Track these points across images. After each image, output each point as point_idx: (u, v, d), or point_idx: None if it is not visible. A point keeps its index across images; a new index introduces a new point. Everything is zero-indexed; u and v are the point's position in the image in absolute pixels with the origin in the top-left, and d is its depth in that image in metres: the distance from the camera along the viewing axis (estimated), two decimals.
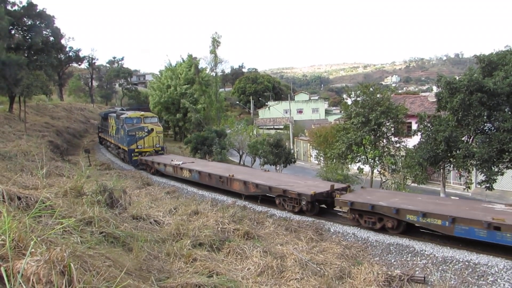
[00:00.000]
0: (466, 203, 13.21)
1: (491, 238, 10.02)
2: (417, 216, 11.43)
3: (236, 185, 17.19)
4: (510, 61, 19.14)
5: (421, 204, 12.40)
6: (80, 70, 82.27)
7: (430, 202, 12.91)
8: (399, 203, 12.53)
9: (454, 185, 29.01)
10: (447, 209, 11.53)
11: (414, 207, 11.92)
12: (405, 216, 11.72)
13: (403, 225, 12.06)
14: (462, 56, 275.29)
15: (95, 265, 4.09)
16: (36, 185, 9.04)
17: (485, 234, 10.03)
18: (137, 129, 27.81)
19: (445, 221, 10.80)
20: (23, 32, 41.61)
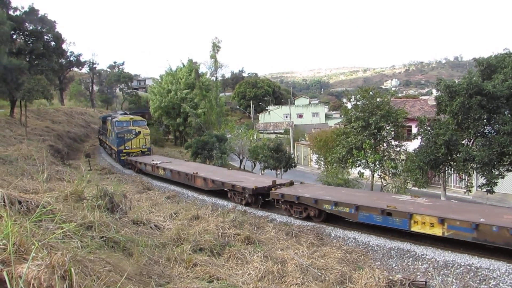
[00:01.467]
0: (378, 195, 15.38)
1: (385, 223, 11.94)
2: (331, 205, 13.37)
3: (198, 181, 19.39)
4: (509, 64, 19.18)
5: (339, 195, 14.28)
6: (81, 74, 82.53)
7: (347, 194, 14.95)
8: (321, 195, 14.38)
9: (455, 189, 28.97)
10: (355, 199, 13.38)
11: (329, 197, 13.83)
12: (322, 206, 13.69)
13: (323, 214, 13.90)
14: (461, 59, 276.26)
15: (96, 270, 4.09)
16: (36, 190, 9.04)
17: (380, 219, 12.01)
18: (125, 132, 30.48)
19: (351, 209, 12.75)
20: (24, 37, 41.86)
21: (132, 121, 31.67)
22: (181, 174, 20.96)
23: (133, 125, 31.19)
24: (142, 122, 32.63)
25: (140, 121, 32.53)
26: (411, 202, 13.10)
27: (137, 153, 30.29)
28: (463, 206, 13.23)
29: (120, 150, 30.37)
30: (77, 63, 66.42)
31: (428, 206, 12.31)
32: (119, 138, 30.44)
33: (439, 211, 11.47)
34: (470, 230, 10.24)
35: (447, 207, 12.40)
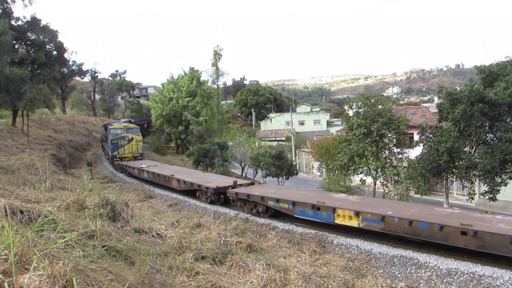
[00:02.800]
0: (317, 193, 16.93)
1: (315, 217, 13.70)
2: (274, 202, 15.07)
3: (173, 182, 21.60)
4: (510, 72, 19.21)
5: (284, 193, 16.03)
6: (83, 83, 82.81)
7: (292, 192, 16.84)
8: (269, 193, 15.99)
9: (458, 196, 28.86)
10: (294, 196, 15.16)
11: (273, 195, 15.49)
12: (267, 202, 15.39)
13: (270, 211, 15.68)
14: (462, 66, 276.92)
15: (98, 279, 4.08)
16: (38, 199, 9.04)
17: (312, 213, 13.71)
18: (119, 138, 33.36)
19: (289, 205, 14.47)
20: (26, 47, 42.08)
21: (126, 129, 34.40)
22: (160, 176, 23.32)
23: (127, 132, 33.91)
24: (135, 129, 35.30)
25: (133, 128, 35.33)
26: (341, 199, 14.83)
27: (130, 158, 32.78)
28: (383, 202, 14.98)
29: (114, 155, 32.96)
30: (79, 72, 66.66)
31: (353, 202, 13.92)
32: (113, 144, 33.19)
33: (358, 206, 13.10)
34: (378, 222, 11.94)
35: (368, 203, 14.07)
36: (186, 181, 20.35)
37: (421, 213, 12.12)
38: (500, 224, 10.75)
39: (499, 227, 10.30)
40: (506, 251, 9.61)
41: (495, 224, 10.75)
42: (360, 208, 12.71)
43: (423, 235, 11.09)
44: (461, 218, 11.14)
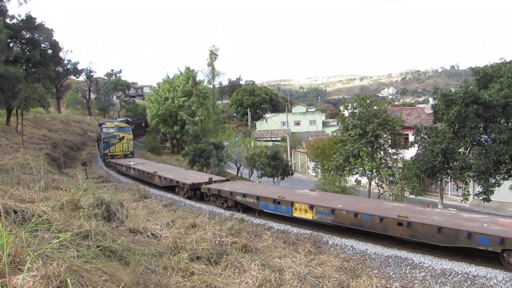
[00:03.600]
0: (283, 190, 17.99)
1: (276, 210, 15.00)
2: (241, 197, 16.38)
3: (155, 179, 22.88)
4: (505, 73, 19.33)
5: (252, 189, 17.23)
6: (78, 82, 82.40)
7: (257, 188, 18.57)
8: (239, 189, 17.27)
9: (452, 197, 29.00)
10: (259, 192, 16.41)
11: (241, 190, 16.76)
12: (236, 197, 16.69)
13: (239, 205, 16.78)
14: (457, 68, 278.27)
15: (92, 280, 4.05)
16: (32, 199, 8.97)
17: (273, 207, 14.99)
18: (111, 137, 34.99)
19: (254, 199, 15.74)
20: (21, 45, 41.84)
21: (117, 128, 36.04)
22: (144, 173, 24.51)
23: (118, 131, 35.49)
24: (126, 128, 36.94)
25: (125, 127, 36.93)
26: (302, 194, 16.12)
27: (120, 156, 34.19)
28: (339, 197, 16.01)
29: (105, 153, 34.68)
30: (74, 71, 66.39)
31: (311, 197, 15.08)
32: (105, 143, 34.98)
33: (314, 200, 14.26)
34: (329, 214, 13.06)
35: (325, 198, 15.31)
36: (167, 177, 21.70)
37: (368, 206, 13.23)
38: (434, 216, 11.79)
39: (431, 219, 11.33)
40: (434, 240, 10.70)
41: (429, 216, 11.79)
42: (314, 202, 13.89)
43: (366, 226, 12.22)
44: (402, 211, 12.12)
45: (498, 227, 10.39)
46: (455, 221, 11.11)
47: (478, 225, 10.65)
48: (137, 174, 25.78)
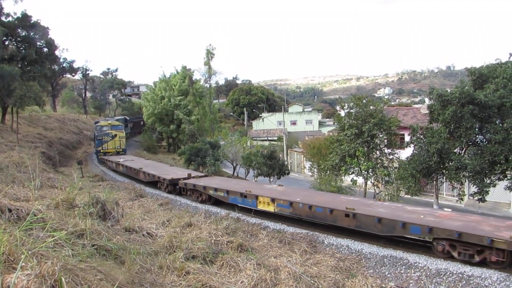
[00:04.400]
0: (253, 185, 19.95)
1: (243, 203, 16.11)
2: (213, 191, 17.50)
3: (141, 175, 24.04)
4: (500, 74, 19.44)
5: (224, 184, 18.27)
6: (74, 81, 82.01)
7: (230, 183, 19.62)
8: (212, 184, 18.28)
9: (447, 197, 29.11)
10: (230, 186, 17.45)
11: (214, 185, 17.86)
12: (209, 191, 17.79)
13: (212, 199, 17.84)
14: (453, 68, 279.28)
15: (87, 279, 4.03)
16: (27, 197, 8.93)
17: (241, 200, 16.09)
18: (104, 135, 36.11)
19: (224, 193, 16.79)
20: (17, 43, 41.59)
21: (110, 126, 37.11)
22: (131, 169, 25.86)
23: (111, 129, 36.55)
24: (119, 126, 38.09)
25: (118, 125, 38.02)
26: (268, 189, 17.13)
27: (113, 153, 35.18)
28: (301, 191, 17.23)
29: (98, 150, 36.00)
30: (70, 70, 66.08)
31: (276, 192, 16.14)
32: (98, 140, 36.21)
33: (277, 194, 15.34)
34: (288, 207, 14.13)
35: (287, 192, 16.22)
36: (150, 173, 22.96)
37: (324, 200, 14.29)
38: (380, 208, 12.82)
39: (375, 211, 12.37)
40: (375, 230, 11.77)
41: (375, 208, 12.81)
42: (276, 196, 15.00)
43: (319, 218, 13.40)
44: (353, 204, 13.06)
45: (432, 218, 11.44)
46: (396, 213, 12.18)
47: (415, 216, 11.67)
48: (125, 170, 27.23)
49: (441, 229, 10.43)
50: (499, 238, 9.50)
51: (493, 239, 9.51)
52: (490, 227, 10.41)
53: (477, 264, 9.98)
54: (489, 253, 9.76)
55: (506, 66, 20.06)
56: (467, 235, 9.98)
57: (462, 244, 10.17)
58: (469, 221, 11.28)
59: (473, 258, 10.02)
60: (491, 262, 9.71)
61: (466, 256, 10.12)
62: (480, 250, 9.92)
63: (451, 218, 11.50)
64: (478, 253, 9.97)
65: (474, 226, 10.61)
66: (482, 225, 10.73)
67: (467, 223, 10.90)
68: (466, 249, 10.15)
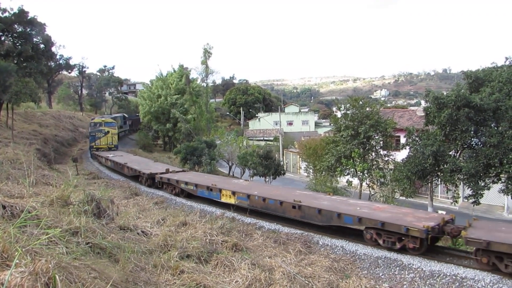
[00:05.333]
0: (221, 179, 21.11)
1: (210, 196, 17.50)
2: (184, 184, 19.00)
3: (125, 170, 25.68)
4: (496, 78, 19.52)
5: (195, 179, 19.61)
6: (70, 78, 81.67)
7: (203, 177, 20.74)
8: (184, 178, 19.87)
9: (442, 199, 29.24)
10: (200, 180, 18.90)
11: (186, 179, 19.37)
12: (180, 185, 19.27)
13: (185, 192, 19.28)
14: (449, 71, 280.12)
15: (81, 277, 4.02)
16: (22, 194, 8.89)
17: (207, 193, 17.49)
18: (97, 131, 38.03)
19: (193, 187, 18.27)
20: (13, 39, 41.39)
21: (104, 123, 39.17)
22: (117, 164, 27.49)
23: (104, 126, 38.48)
24: (112, 123, 40.03)
25: (111, 123, 40.02)
26: (232, 183, 18.77)
27: (105, 148, 37.00)
28: (261, 186, 19.20)
29: (91, 146, 38.01)
30: (66, 66, 65.83)
31: (238, 185, 17.68)
32: (92, 136, 38.24)
33: (239, 188, 16.79)
34: (246, 199, 15.53)
35: (248, 186, 17.95)
36: (132, 168, 24.56)
37: (279, 193, 15.55)
38: (324, 201, 14.14)
39: (319, 203, 13.69)
40: (316, 220, 13.14)
41: (320, 201, 14.14)
42: (237, 189, 16.45)
43: (271, 209, 14.67)
44: (301, 197, 14.34)
45: (366, 210, 12.75)
46: (336, 205, 13.45)
47: (352, 208, 12.95)
48: (112, 165, 29.03)
49: (369, 219, 11.77)
50: (413, 227, 10.73)
51: (409, 228, 10.77)
52: (412, 218, 11.63)
53: (399, 250, 11.23)
54: (407, 241, 10.97)
55: (501, 70, 20.13)
56: (389, 225, 11.27)
57: (385, 233, 11.46)
58: (398, 213, 12.59)
59: (395, 245, 11.30)
60: (410, 248, 10.93)
61: (389, 244, 11.43)
62: (400, 238, 11.17)
63: (382, 211, 12.85)
64: (399, 241, 11.22)
65: (399, 217, 11.84)
66: (407, 216, 11.92)
67: (394, 215, 12.16)
68: (389, 237, 11.42)
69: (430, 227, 10.54)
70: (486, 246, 9.54)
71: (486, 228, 10.87)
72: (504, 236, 9.90)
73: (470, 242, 9.94)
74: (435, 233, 10.76)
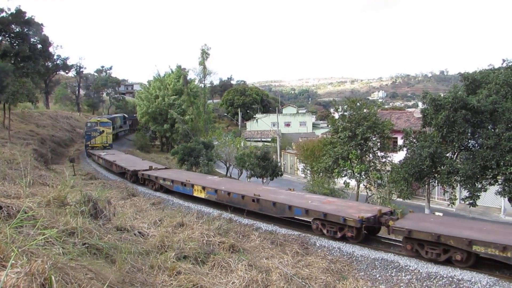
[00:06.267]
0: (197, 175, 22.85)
1: (184, 191, 18.92)
2: (162, 180, 20.53)
3: (113, 167, 27.30)
4: (493, 80, 19.56)
5: (173, 175, 21.21)
6: (67, 78, 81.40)
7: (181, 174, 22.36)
8: (163, 175, 21.27)
9: (439, 201, 29.29)
10: (175, 177, 20.50)
11: (164, 176, 20.86)
12: (159, 181, 20.80)
13: (164, 188, 20.66)
14: (447, 73, 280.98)
15: (77, 278, 4.01)
16: (18, 194, 8.84)
17: (182, 188, 18.97)
18: (92, 130, 40.09)
19: (170, 182, 19.87)
20: (10, 39, 41.26)
21: (99, 123, 41.14)
22: (107, 162, 29.13)
23: (100, 126, 40.45)
24: (107, 123, 41.87)
25: (106, 122, 41.91)
26: (206, 179, 20.36)
27: (100, 147, 38.74)
28: (229, 182, 20.56)
29: (87, 144, 39.88)
30: (63, 67, 65.64)
31: (209, 181, 19.41)
32: (87, 135, 40.18)
33: (208, 183, 18.39)
34: (214, 194, 17.06)
35: (219, 182, 19.54)
36: (119, 165, 26.17)
37: (243, 188, 17.14)
38: (281, 196, 15.52)
39: (275, 197, 14.99)
40: (272, 212, 14.50)
41: (278, 195, 15.51)
42: (207, 184, 17.95)
43: (235, 203, 16.07)
44: (262, 192, 15.62)
45: (316, 203, 14.09)
46: (289, 198, 14.82)
47: (304, 201, 14.34)
48: (103, 162, 30.67)
49: (314, 211, 13.03)
50: (350, 217, 11.98)
51: (346, 218, 12.04)
52: (353, 211, 12.76)
53: (341, 239, 12.50)
54: (347, 230, 12.18)
55: (498, 72, 20.19)
56: (330, 215, 12.55)
57: (328, 223, 12.74)
58: (343, 206, 13.83)
59: (336, 234, 12.53)
60: (349, 237, 12.17)
61: (332, 233, 12.68)
62: (341, 228, 12.38)
63: (331, 204, 14.11)
64: (340, 230, 12.44)
65: (342, 209, 13.05)
66: (350, 209, 13.06)
67: (339, 207, 13.40)
68: (332, 227, 12.66)
69: (364, 217, 11.78)
70: (408, 234, 10.78)
71: (415, 219, 12.17)
72: (426, 226, 11.14)
73: (395, 230, 11.28)
74: (370, 223, 12.12)
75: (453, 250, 10.08)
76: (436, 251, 10.38)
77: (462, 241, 9.80)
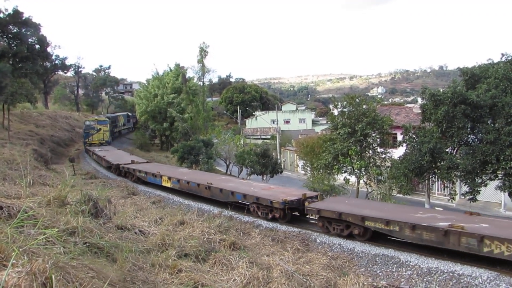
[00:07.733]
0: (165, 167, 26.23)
1: (155, 181, 21.31)
2: (138, 172, 22.97)
3: (103, 162, 29.99)
4: (492, 74, 19.55)
5: (148, 167, 23.93)
6: (66, 78, 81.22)
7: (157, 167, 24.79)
8: (140, 167, 23.86)
9: (439, 196, 29.30)
10: (148, 169, 23.22)
11: (141, 168, 23.32)
12: (136, 173, 23.28)
13: (140, 180, 22.95)
14: (446, 68, 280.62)
15: (78, 277, 4.01)
16: (19, 194, 8.85)
17: (153, 178, 21.37)
18: (90, 128, 42.77)
19: (144, 174, 22.28)
20: (8, 40, 41.15)
21: (97, 121, 43.86)
22: (98, 156, 32.03)
23: (97, 124, 43.12)
24: (104, 122, 44.39)
25: (103, 121, 44.45)
26: (175, 171, 22.81)
27: (97, 144, 41.07)
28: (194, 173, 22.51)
29: (85, 142, 42.34)
30: (62, 67, 65.52)
31: (176, 172, 21.87)
32: (85, 133, 42.73)
33: (173, 174, 20.99)
34: (177, 183, 19.47)
35: (186, 173, 22.09)
36: (107, 160, 28.86)
37: (203, 178, 19.02)
38: (231, 183, 17.84)
39: (224, 185, 17.20)
40: (220, 197, 16.73)
41: (228, 183, 17.71)
42: (172, 175, 20.38)
43: (193, 190, 18.33)
44: (215, 181, 18.14)
45: (257, 190, 16.16)
46: (237, 186, 17.03)
47: (247, 188, 16.45)
48: (96, 158, 33.16)
49: (250, 196, 15.10)
50: (275, 200, 13.93)
51: (272, 201, 13.99)
52: (283, 195, 14.37)
53: (272, 219, 14.41)
54: (275, 212, 14.12)
55: (498, 67, 20.16)
56: (261, 199, 14.58)
57: (261, 206, 14.66)
58: (278, 192, 15.59)
59: (268, 215, 14.47)
60: (277, 217, 14.15)
61: (264, 214, 14.62)
62: (271, 210, 14.28)
63: (268, 190, 16.08)
64: (270, 212, 14.35)
65: (275, 195, 14.78)
66: (281, 194, 14.78)
67: (273, 193, 15.21)
68: (264, 209, 14.59)
69: (288, 200, 13.64)
70: (317, 213, 12.82)
71: (330, 202, 14.31)
72: (334, 206, 12.92)
73: (308, 210, 13.38)
74: (294, 205, 13.93)
75: (352, 226, 12.05)
76: (340, 227, 12.38)
77: (357, 217, 11.81)
